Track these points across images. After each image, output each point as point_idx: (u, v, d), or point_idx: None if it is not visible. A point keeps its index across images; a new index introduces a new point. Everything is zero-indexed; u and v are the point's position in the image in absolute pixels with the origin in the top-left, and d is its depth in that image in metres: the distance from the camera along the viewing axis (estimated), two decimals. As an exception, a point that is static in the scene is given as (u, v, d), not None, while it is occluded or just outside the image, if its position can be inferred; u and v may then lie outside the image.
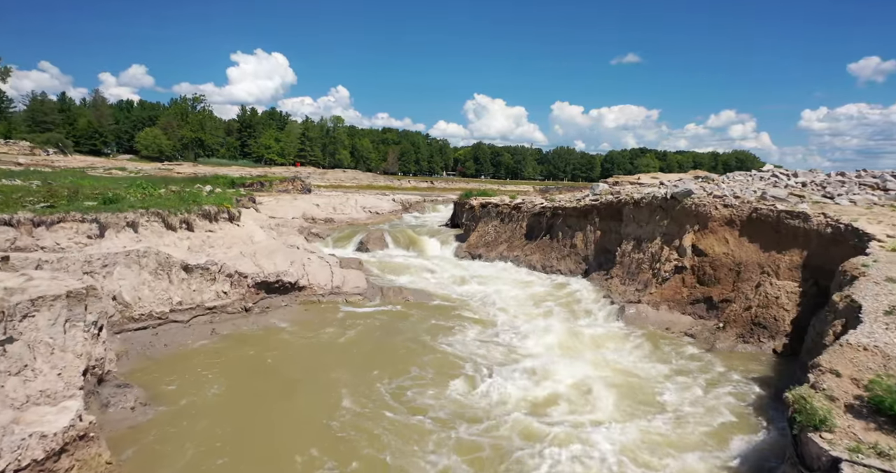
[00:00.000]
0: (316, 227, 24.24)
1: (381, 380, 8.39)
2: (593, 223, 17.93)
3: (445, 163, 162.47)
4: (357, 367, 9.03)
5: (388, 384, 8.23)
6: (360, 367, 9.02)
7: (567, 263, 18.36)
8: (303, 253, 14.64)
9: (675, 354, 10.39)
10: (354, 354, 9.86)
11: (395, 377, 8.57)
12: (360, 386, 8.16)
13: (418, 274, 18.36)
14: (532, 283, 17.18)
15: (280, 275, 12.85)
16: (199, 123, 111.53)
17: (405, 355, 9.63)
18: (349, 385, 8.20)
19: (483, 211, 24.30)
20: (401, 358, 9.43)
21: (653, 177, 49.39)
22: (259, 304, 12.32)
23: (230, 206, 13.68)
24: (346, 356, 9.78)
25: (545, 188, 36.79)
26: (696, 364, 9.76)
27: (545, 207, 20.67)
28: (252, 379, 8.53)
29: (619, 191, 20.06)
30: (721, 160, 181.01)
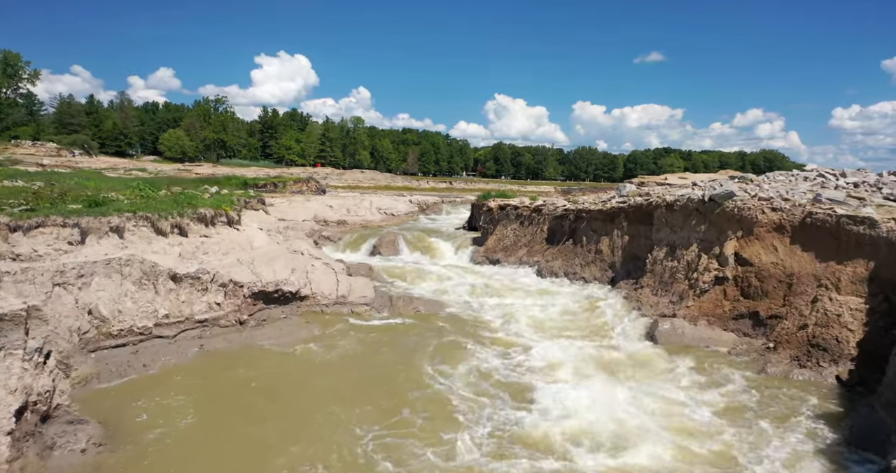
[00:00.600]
0: (327, 230, 23.34)
1: (364, 423, 7.10)
2: (621, 227, 16.58)
3: (465, 164, 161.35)
4: (345, 400, 7.90)
5: (371, 429, 6.96)
6: (348, 400, 7.88)
7: (592, 270, 17.04)
8: (306, 260, 13.66)
9: (722, 380, 9.01)
10: (348, 382, 8.71)
11: (382, 419, 7.18)
12: (339, 427, 6.98)
13: (432, 281, 17.26)
14: (553, 292, 15.91)
15: (280, 284, 11.87)
16: (222, 125, 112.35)
17: (401, 386, 8.32)
18: (327, 426, 7.04)
19: (502, 213, 23.09)
20: (396, 391, 8.21)
21: (681, 177, 47.37)
22: (256, 316, 11.35)
23: (229, 209, 12.78)
24: (339, 383, 8.66)
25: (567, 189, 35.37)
26: (753, 397, 8.30)
27: (568, 210, 19.38)
28: (229, 408, 7.51)
29: (648, 192, 18.65)
30: (748, 160, 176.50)
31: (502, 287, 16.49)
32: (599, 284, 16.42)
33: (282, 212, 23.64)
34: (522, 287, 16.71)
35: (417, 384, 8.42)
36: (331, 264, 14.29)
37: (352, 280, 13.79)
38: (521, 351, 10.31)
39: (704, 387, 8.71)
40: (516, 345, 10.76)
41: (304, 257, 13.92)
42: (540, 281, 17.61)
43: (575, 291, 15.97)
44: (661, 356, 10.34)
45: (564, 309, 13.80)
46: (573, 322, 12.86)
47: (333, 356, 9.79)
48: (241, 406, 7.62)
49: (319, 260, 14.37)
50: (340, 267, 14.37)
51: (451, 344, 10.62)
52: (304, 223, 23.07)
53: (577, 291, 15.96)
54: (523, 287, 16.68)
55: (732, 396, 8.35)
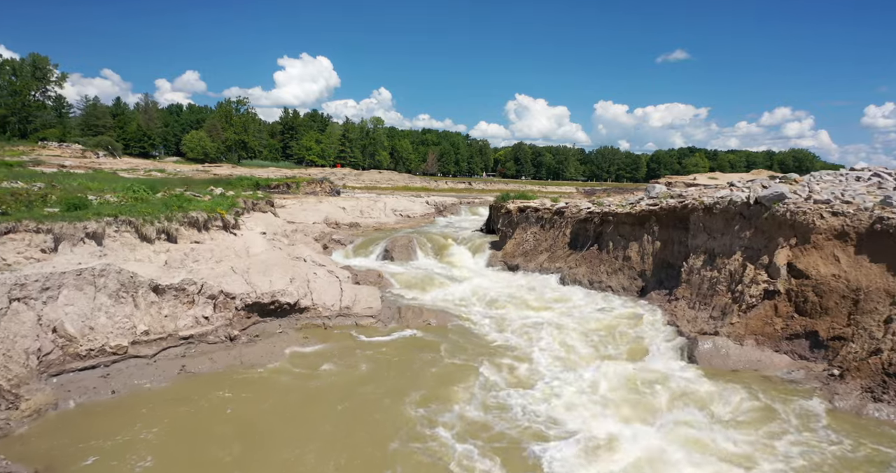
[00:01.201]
0: (338, 233, 22.36)
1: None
2: (651, 232, 15.18)
3: (485, 164, 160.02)
4: (327, 442, 6.69)
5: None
6: (328, 444, 6.69)
7: (619, 279, 15.66)
8: (308, 268, 12.63)
9: (786, 418, 7.57)
10: (332, 417, 7.46)
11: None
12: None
13: (446, 289, 16.08)
14: (576, 303, 14.60)
15: (276, 295, 10.85)
16: (243, 126, 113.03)
17: (391, 433, 6.89)
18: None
19: (521, 215, 21.80)
20: (383, 439, 6.89)
21: (710, 177, 45.28)
22: (248, 331, 10.33)
23: (224, 212, 11.82)
24: (322, 418, 7.44)
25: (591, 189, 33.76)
26: (831, 447, 6.75)
27: (593, 212, 18.01)
28: (195, 449, 6.44)
29: (681, 193, 17.18)
30: (776, 159, 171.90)
31: (521, 296, 15.24)
32: (628, 294, 15.06)
33: (292, 214, 22.75)
34: (542, 296, 15.43)
35: (409, 432, 6.94)
36: (335, 272, 13.24)
37: (357, 289, 12.71)
38: (539, 378, 9.02)
39: (774, 434, 7.18)
40: (532, 371, 9.48)
41: (305, 264, 12.90)
42: (562, 290, 16.29)
43: (600, 302, 14.63)
44: (704, 382, 8.97)
45: (589, 324, 12.48)
46: (599, 339, 11.54)
47: (325, 382, 8.66)
48: (209, 446, 6.52)
49: (323, 267, 13.33)
50: (346, 276, 13.30)
51: (458, 370, 9.32)
52: (314, 225, 22.13)
53: (602, 302, 14.61)
54: (543, 296, 15.40)
55: (808, 446, 6.84)
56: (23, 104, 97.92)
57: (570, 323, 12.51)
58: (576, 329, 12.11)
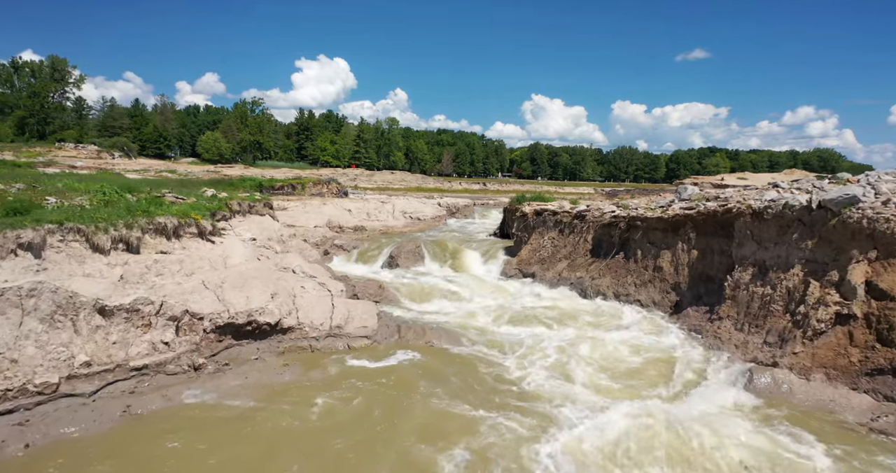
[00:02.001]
0: (341, 238, 20.88)
1: None
2: (686, 239, 13.37)
3: (501, 165, 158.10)
4: None
5: None
6: None
7: (649, 292, 13.88)
8: (295, 280, 11.12)
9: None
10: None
11: None
12: None
13: (454, 302, 14.48)
14: (601, 320, 12.87)
15: (253, 314, 9.34)
16: (258, 126, 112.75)
17: None
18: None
19: (538, 219, 20.08)
20: None
21: (739, 177, 42.82)
22: (218, 357, 8.83)
23: (199, 217, 10.36)
24: None
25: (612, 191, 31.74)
26: None
27: (618, 217, 16.23)
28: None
29: (719, 195, 15.32)
30: (800, 159, 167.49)
31: (537, 310, 13.55)
32: (659, 310, 13.28)
33: (292, 217, 21.33)
34: (561, 311, 13.72)
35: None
36: (327, 284, 11.70)
37: (351, 305, 11.16)
38: (554, 426, 7.33)
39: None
40: (552, 413, 7.80)
41: (293, 276, 11.39)
42: (583, 304, 14.56)
43: (628, 319, 12.89)
44: (767, 429, 7.21)
45: (618, 348, 10.75)
46: (628, 366, 9.81)
47: (299, 425, 7.09)
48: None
49: (313, 279, 11.81)
50: (339, 289, 11.76)
51: (462, 411, 7.73)
52: (315, 229, 20.69)
53: (631, 319, 12.87)
54: (562, 311, 13.69)
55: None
56: (41, 105, 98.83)
57: (593, 344, 10.79)
58: (600, 351, 10.39)
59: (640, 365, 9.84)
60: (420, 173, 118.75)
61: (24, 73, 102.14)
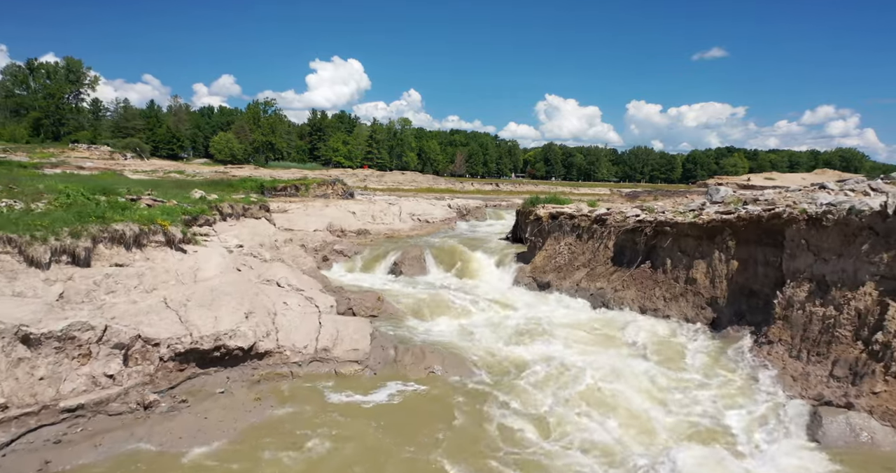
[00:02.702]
0: (342, 242, 19.55)
1: None
2: (724, 248, 11.76)
3: (514, 165, 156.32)
4: None
5: None
6: None
7: (681, 306, 12.30)
8: (277, 295, 9.76)
9: None
10: None
11: None
12: None
13: (460, 316, 13.03)
14: (626, 339, 11.32)
15: (222, 337, 7.99)
16: (270, 127, 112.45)
17: None
18: None
19: (553, 223, 18.53)
20: None
21: (767, 177, 40.78)
22: (178, 390, 7.49)
23: (167, 223, 9.04)
24: None
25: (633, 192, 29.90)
26: None
27: (643, 221, 14.63)
28: None
29: (758, 197, 13.67)
30: (822, 159, 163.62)
31: (554, 326, 12.03)
32: (693, 327, 11.70)
33: (290, 221, 20.05)
34: (582, 328, 12.20)
35: None
36: (315, 299, 10.32)
37: (341, 324, 9.76)
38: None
39: None
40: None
41: (276, 290, 10.03)
42: (605, 318, 13.01)
43: (658, 337, 11.32)
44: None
45: (647, 374, 9.21)
46: (663, 402, 8.26)
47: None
48: None
49: (301, 292, 10.44)
50: (329, 304, 10.37)
51: None
52: (314, 234, 19.38)
53: (661, 337, 11.30)
54: (584, 328, 12.17)
55: None
56: (56, 107, 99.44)
57: (621, 370, 9.25)
58: (630, 381, 8.85)
59: (673, 397, 8.30)
60: (432, 174, 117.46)
61: (39, 75, 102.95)
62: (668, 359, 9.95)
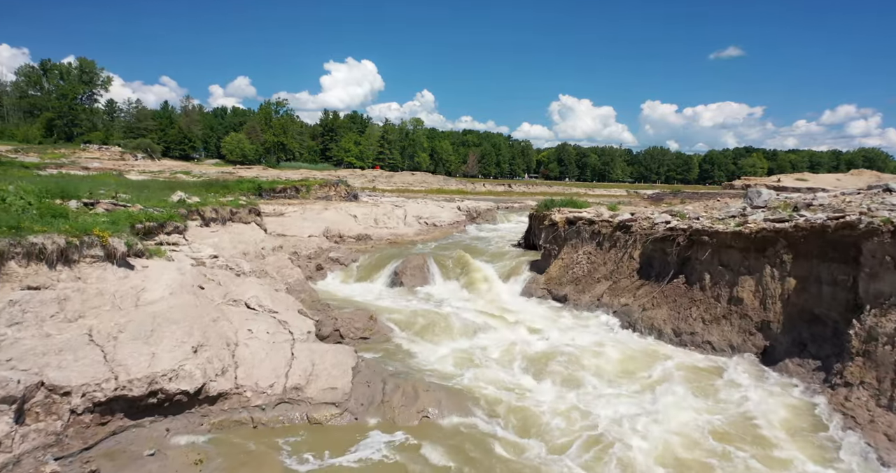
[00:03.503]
0: (339, 249, 17.93)
1: None
2: (778, 262, 9.90)
3: (528, 166, 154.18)
4: None
5: None
6: None
7: (724, 330, 10.44)
8: (242, 320, 8.14)
9: None
10: None
11: None
12: None
13: (466, 338, 11.32)
14: (661, 374, 9.50)
15: (159, 380, 6.37)
16: (282, 127, 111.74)
17: None
18: None
19: (571, 229, 16.72)
20: None
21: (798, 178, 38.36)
22: (93, 453, 5.87)
23: (107, 234, 7.46)
24: None
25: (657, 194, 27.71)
26: None
27: (675, 229, 12.77)
28: None
29: (811, 202, 11.76)
30: (844, 159, 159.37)
31: (576, 354, 10.26)
32: (738, 355, 9.85)
33: (284, 226, 18.49)
34: (607, 355, 10.41)
35: None
36: (290, 323, 8.68)
37: (319, 354, 8.11)
38: None
39: None
40: None
41: (241, 313, 8.40)
42: (631, 342, 11.20)
43: (699, 371, 9.50)
44: None
45: (694, 425, 7.41)
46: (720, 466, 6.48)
47: None
48: None
49: (274, 315, 8.81)
50: (306, 329, 8.71)
51: None
52: (309, 240, 17.79)
53: (703, 372, 9.48)
54: (609, 356, 10.37)
55: None
56: (69, 107, 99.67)
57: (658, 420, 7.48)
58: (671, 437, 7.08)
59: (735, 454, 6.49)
60: (444, 174, 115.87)
61: (53, 75, 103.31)
62: (718, 406, 8.14)
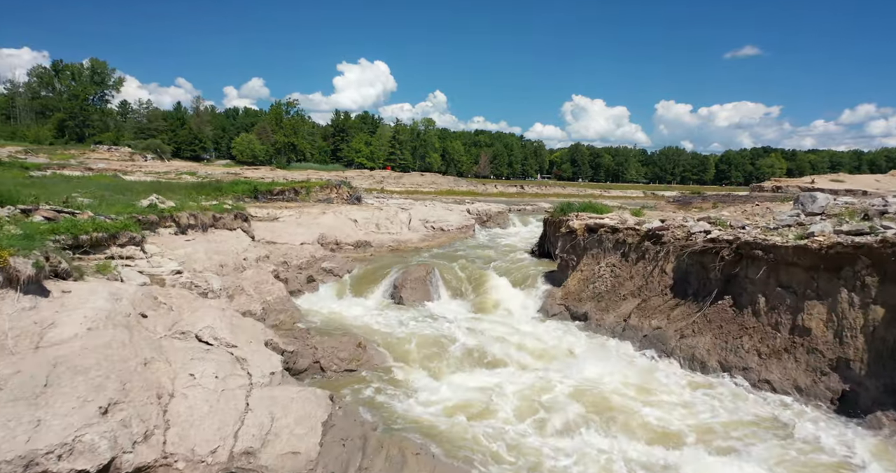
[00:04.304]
0: (335, 258, 16.25)
1: None
2: (858, 286, 7.99)
3: (540, 166, 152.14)
4: None
5: None
6: None
7: (787, 368, 8.54)
8: (186, 360, 6.46)
9: None
10: None
11: None
12: None
13: (473, 373, 9.56)
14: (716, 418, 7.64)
15: (40, 461, 4.68)
16: (293, 128, 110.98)
17: None
18: None
19: (591, 238, 14.86)
20: None
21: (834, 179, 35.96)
22: None
23: (5, 254, 5.83)
24: None
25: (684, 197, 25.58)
26: None
27: (717, 240, 10.84)
28: None
29: (885, 209, 9.81)
30: (865, 159, 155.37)
31: (610, 399, 8.41)
32: (808, 402, 7.96)
33: (274, 232, 16.86)
34: (648, 394, 8.56)
35: None
36: (248, 361, 6.99)
37: (280, 405, 6.39)
38: None
39: None
40: None
41: (186, 351, 6.71)
42: (670, 381, 9.32)
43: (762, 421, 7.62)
44: None
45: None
46: None
47: None
48: None
49: (230, 351, 7.13)
50: (269, 368, 7.01)
51: None
52: (301, 248, 16.14)
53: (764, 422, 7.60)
54: (654, 398, 8.51)
55: None
56: (81, 108, 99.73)
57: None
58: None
59: None
60: (456, 175, 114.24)
61: (64, 76, 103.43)
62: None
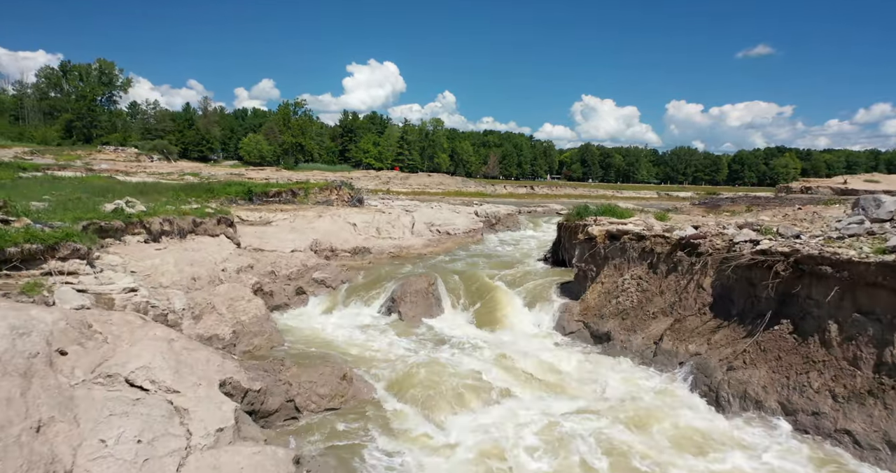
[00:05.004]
0: (329, 266, 14.73)
1: None
2: (963, 314, 6.30)
3: (550, 167, 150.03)
4: None
5: None
6: None
7: (873, 417, 6.86)
8: (103, 416, 4.97)
9: None
10: None
11: None
12: None
13: (483, 412, 7.98)
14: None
15: None
16: (300, 128, 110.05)
17: None
18: None
19: (613, 246, 13.21)
20: None
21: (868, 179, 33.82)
22: None
23: None
24: None
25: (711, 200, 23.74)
26: None
27: (769, 252, 9.15)
28: None
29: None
30: (882, 159, 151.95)
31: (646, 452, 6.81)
32: (900, 460, 6.29)
33: (263, 238, 15.38)
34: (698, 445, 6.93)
35: None
36: (190, 413, 5.48)
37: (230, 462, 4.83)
38: None
39: None
40: None
41: (103, 403, 5.22)
42: (714, 431, 7.68)
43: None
44: None
45: None
46: None
47: None
48: None
49: (168, 399, 5.63)
50: (213, 426, 5.49)
51: None
52: (291, 256, 14.63)
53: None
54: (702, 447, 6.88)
55: None
56: (88, 108, 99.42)
57: None
58: None
59: None
60: (464, 175, 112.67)
61: (72, 77, 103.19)
62: None
